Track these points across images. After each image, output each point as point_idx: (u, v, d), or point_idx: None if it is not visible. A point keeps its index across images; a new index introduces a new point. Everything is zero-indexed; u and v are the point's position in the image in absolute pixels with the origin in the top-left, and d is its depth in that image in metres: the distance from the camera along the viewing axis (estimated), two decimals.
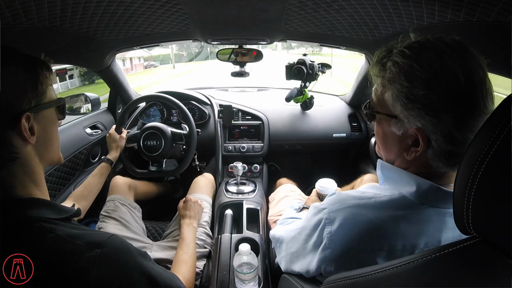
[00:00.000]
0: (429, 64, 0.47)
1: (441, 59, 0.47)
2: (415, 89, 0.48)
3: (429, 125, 0.49)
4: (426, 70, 0.47)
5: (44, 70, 0.57)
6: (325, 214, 0.59)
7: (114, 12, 0.86)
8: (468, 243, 0.39)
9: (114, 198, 1.26)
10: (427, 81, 0.47)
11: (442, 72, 0.46)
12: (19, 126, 0.51)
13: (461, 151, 0.48)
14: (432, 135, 0.49)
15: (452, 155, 0.50)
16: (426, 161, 0.52)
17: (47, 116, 0.58)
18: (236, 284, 0.90)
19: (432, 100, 0.47)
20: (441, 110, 0.47)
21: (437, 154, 0.50)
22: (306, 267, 0.63)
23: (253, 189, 1.42)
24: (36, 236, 0.49)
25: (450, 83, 0.46)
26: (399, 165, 0.58)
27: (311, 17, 0.96)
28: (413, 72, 0.48)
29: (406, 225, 0.52)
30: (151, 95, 1.53)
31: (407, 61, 0.49)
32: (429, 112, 0.48)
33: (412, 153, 0.53)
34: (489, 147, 0.35)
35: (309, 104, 1.75)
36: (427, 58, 0.48)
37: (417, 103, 0.48)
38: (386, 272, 0.46)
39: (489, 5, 0.59)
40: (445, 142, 0.49)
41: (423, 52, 0.49)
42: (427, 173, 0.54)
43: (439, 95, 0.47)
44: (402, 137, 0.54)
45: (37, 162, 0.56)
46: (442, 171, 0.53)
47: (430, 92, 0.47)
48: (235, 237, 1.08)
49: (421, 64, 0.48)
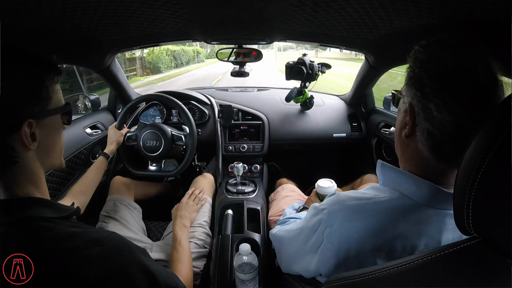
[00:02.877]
0: (431, 51, 0.53)
1: (440, 48, 0.52)
2: (415, 67, 0.54)
3: (415, 100, 0.53)
4: (426, 54, 0.53)
5: (52, 74, 0.55)
6: (325, 214, 0.59)
7: (114, 12, 0.86)
8: (469, 243, 0.39)
9: (114, 198, 1.26)
10: (424, 62, 0.53)
11: (436, 56, 0.51)
12: (20, 132, 0.50)
13: (440, 136, 0.50)
14: (417, 109, 0.53)
15: (432, 138, 0.51)
16: (417, 149, 0.54)
17: (51, 123, 0.56)
18: (236, 284, 0.90)
19: (421, 75, 0.52)
20: (426, 85, 0.51)
21: (421, 135, 0.53)
22: (306, 267, 0.63)
23: (253, 189, 1.42)
24: (35, 235, 0.49)
25: (438, 65, 0.50)
26: (399, 147, 0.61)
27: (311, 17, 0.95)
28: (418, 56, 0.54)
29: (406, 226, 0.52)
30: (151, 95, 1.52)
31: (419, 48, 0.55)
32: (417, 86, 0.53)
33: (405, 130, 0.56)
34: (489, 147, 0.35)
35: (309, 104, 1.75)
36: (432, 48, 0.53)
37: (413, 79, 0.54)
38: (386, 272, 0.46)
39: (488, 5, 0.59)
40: (424, 119, 0.52)
41: (432, 44, 0.54)
42: (424, 169, 0.54)
43: (428, 73, 0.51)
44: (404, 115, 0.58)
45: (38, 166, 0.55)
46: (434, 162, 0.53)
47: (422, 70, 0.52)
48: (236, 237, 1.08)
49: (426, 51, 0.54)
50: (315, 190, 1.04)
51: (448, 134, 0.49)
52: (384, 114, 1.62)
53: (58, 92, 0.57)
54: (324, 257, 0.57)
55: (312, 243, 0.61)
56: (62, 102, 0.59)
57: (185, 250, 0.99)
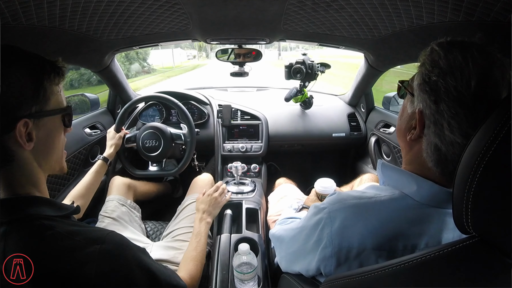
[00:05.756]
0: (453, 58, 0.49)
1: (464, 59, 0.48)
2: (432, 74, 0.50)
3: (428, 110, 0.51)
4: (447, 62, 0.49)
5: (53, 75, 0.54)
6: (325, 213, 0.59)
7: (114, 12, 0.86)
8: (468, 242, 0.39)
9: (114, 198, 1.26)
10: (444, 73, 0.49)
11: (458, 70, 0.47)
12: (15, 131, 0.49)
13: (447, 154, 0.49)
14: (427, 121, 0.51)
15: (439, 153, 0.50)
16: (421, 154, 0.54)
17: (49, 125, 0.55)
18: (235, 284, 0.90)
19: (439, 87, 0.49)
20: (442, 100, 0.48)
21: (427, 145, 0.52)
22: (306, 266, 0.63)
23: (252, 189, 1.42)
24: (36, 233, 0.49)
25: (460, 81, 0.47)
26: (403, 146, 0.60)
27: (311, 17, 0.96)
28: (437, 60, 0.51)
29: (407, 225, 0.52)
30: (150, 96, 1.52)
31: (439, 50, 0.51)
32: (432, 98, 0.50)
33: (411, 134, 0.55)
34: (489, 146, 0.35)
35: (308, 104, 1.75)
36: (454, 54, 0.49)
37: (428, 86, 0.51)
38: (385, 271, 0.46)
39: (488, 5, 0.59)
40: (434, 134, 0.50)
41: (453, 48, 0.50)
42: (427, 173, 0.54)
43: (446, 87, 0.48)
44: (410, 117, 0.56)
45: (36, 166, 0.55)
46: (437, 174, 0.53)
47: (440, 81, 0.49)
48: (235, 237, 1.08)
49: (446, 57, 0.50)
50: (315, 190, 1.04)
51: (457, 155, 0.47)
52: (384, 114, 1.62)
53: (58, 93, 0.56)
54: (324, 256, 0.57)
55: (313, 242, 0.61)
56: (63, 104, 0.58)
57: (200, 247, 1.01)
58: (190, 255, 0.97)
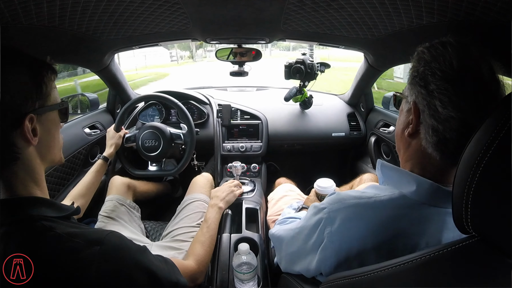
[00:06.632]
0: (434, 50, 0.54)
1: (444, 47, 0.53)
2: (419, 66, 0.54)
3: (420, 97, 0.54)
4: (430, 54, 0.54)
5: (49, 73, 0.57)
6: (325, 213, 0.59)
7: (113, 11, 0.86)
8: (467, 242, 0.39)
9: (113, 198, 1.26)
10: (428, 62, 0.53)
11: (441, 56, 0.52)
12: (22, 127, 0.51)
13: (445, 132, 0.51)
14: (421, 107, 0.54)
15: (437, 134, 0.52)
16: (420, 146, 0.55)
17: (50, 119, 0.58)
18: (235, 284, 0.90)
19: (426, 74, 0.53)
20: (430, 82, 0.52)
21: (425, 132, 0.53)
22: (306, 266, 0.63)
23: (252, 189, 1.42)
24: (36, 234, 0.50)
25: (443, 64, 0.51)
26: (401, 146, 0.61)
27: (310, 17, 0.96)
28: (422, 56, 0.55)
29: (407, 225, 0.52)
30: (150, 95, 1.52)
31: (422, 49, 0.56)
32: (421, 84, 0.53)
33: (408, 128, 0.57)
34: (489, 145, 0.35)
35: (308, 104, 1.75)
36: (435, 47, 0.54)
37: (417, 77, 0.55)
38: (385, 271, 0.46)
39: (488, 5, 0.59)
40: (429, 116, 0.52)
41: (436, 45, 0.55)
42: (427, 165, 0.55)
43: (432, 71, 0.52)
44: (407, 114, 0.59)
45: (38, 162, 0.56)
46: (437, 159, 0.53)
47: (427, 69, 0.53)
48: (234, 236, 1.08)
49: (429, 51, 0.54)
50: (314, 190, 1.05)
51: (454, 131, 0.50)
52: (383, 114, 1.62)
53: (55, 89, 0.60)
54: (325, 256, 0.57)
55: (313, 242, 0.61)
56: (59, 99, 0.61)
57: (209, 233, 1.02)
58: (199, 239, 0.98)
